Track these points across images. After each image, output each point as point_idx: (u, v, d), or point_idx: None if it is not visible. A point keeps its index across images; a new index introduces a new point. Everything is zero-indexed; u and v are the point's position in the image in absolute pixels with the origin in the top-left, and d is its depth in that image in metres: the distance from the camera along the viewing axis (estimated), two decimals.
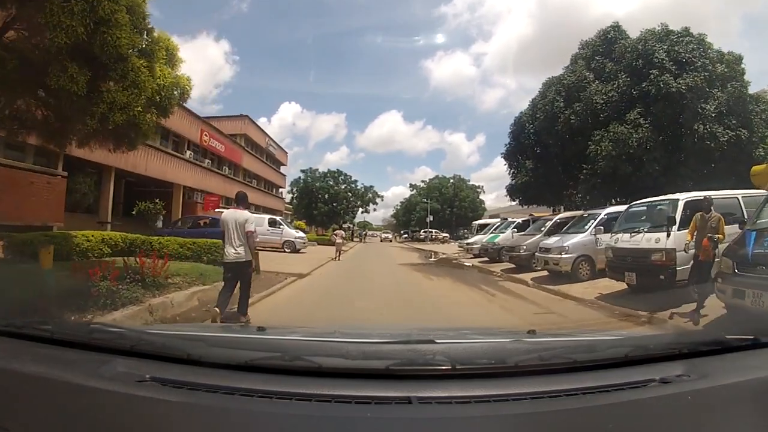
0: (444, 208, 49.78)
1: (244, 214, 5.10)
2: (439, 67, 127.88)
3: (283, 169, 48.52)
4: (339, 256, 17.90)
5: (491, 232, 17.78)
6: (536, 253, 10.27)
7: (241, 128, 35.96)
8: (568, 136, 14.23)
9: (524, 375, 1.08)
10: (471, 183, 55.03)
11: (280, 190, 46.69)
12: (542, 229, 12.05)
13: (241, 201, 5.33)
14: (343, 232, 21.81)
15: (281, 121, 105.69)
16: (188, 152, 23.69)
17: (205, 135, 25.69)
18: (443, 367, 1.08)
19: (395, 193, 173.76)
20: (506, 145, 19.02)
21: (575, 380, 1.05)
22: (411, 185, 59.00)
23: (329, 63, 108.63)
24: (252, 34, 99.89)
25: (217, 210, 21.42)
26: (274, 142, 44.17)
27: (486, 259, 16.32)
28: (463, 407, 0.95)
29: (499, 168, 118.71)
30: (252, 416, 0.92)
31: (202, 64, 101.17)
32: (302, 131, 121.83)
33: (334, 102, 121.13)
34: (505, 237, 15.09)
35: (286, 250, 19.36)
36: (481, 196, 54.17)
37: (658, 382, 1.04)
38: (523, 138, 17.69)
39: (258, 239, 22.31)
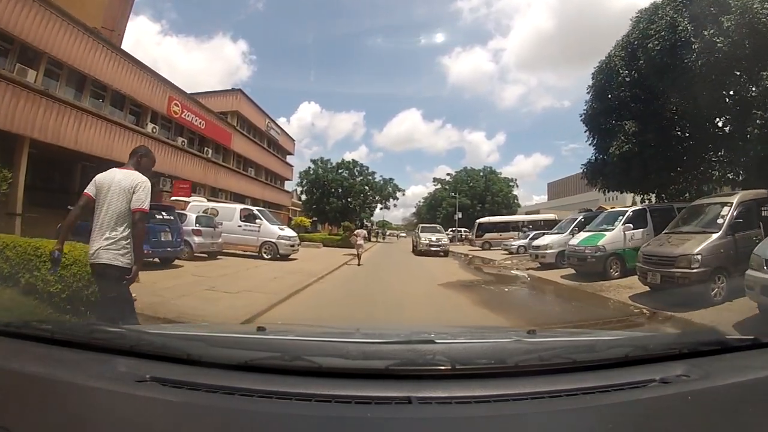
0: (474, 203, 44.95)
1: (131, 176, 3.24)
2: (457, 63, 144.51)
3: (291, 161, 45.68)
4: (359, 259, 15.78)
5: (573, 230, 13.63)
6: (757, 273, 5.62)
7: (232, 104, 32.80)
8: (703, 74, 10.13)
9: (524, 375, 1.17)
10: (503, 176, 53.26)
11: (286, 183, 43.11)
12: (719, 221, 7.55)
13: (135, 157, 3.41)
14: (364, 232, 18.96)
15: (300, 121, 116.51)
16: (151, 125, 18.67)
17: (176, 105, 22.04)
18: (443, 367, 1.17)
19: (414, 193, 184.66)
20: (586, 103, 14.77)
21: (575, 380, 1.14)
22: (435, 179, 58.43)
23: (346, 62, 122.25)
24: (269, 34, 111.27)
25: (178, 199, 16.19)
26: (277, 125, 41.01)
27: (571, 271, 12.13)
28: (463, 407, 1.03)
29: (520, 167, 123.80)
30: (252, 416, 1.00)
31: (220, 63, 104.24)
32: (321, 131, 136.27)
33: (352, 101, 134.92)
34: (614, 237, 10.88)
35: (265, 255, 15.25)
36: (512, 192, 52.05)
37: (658, 382, 1.13)
38: (614, 91, 13.48)
39: (220, 240, 14.64)
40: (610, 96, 13.88)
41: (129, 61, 20.02)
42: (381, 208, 46.33)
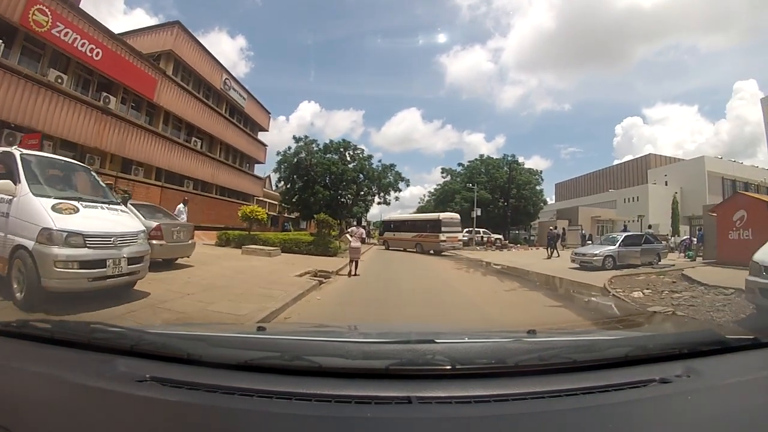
0: (495, 198, 42.21)
1: None
2: (456, 62, 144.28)
3: (266, 142, 39.93)
4: (355, 267, 12.00)
5: None
6: None
7: (164, 42, 23.29)
8: None
9: (524, 375, 1.19)
10: (527, 166, 46.54)
11: (256, 166, 37.06)
12: None
13: None
14: (362, 231, 13.48)
15: (300, 120, 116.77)
16: None
17: (40, 12, 14.76)
18: (443, 367, 1.20)
19: (413, 194, 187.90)
20: None
21: (575, 380, 1.16)
22: (443, 170, 49.61)
23: (345, 60, 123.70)
24: (266, 30, 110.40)
25: None
26: (242, 86, 31.78)
27: None
28: (463, 407, 1.06)
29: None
30: (252, 416, 1.04)
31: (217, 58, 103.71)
32: (320, 129, 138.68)
33: (351, 100, 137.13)
34: None
35: (16, 288, 5.08)
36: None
37: (658, 382, 1.15)
38: None
39: None
40: None
41: None
42: (378, 203, 38.95)
